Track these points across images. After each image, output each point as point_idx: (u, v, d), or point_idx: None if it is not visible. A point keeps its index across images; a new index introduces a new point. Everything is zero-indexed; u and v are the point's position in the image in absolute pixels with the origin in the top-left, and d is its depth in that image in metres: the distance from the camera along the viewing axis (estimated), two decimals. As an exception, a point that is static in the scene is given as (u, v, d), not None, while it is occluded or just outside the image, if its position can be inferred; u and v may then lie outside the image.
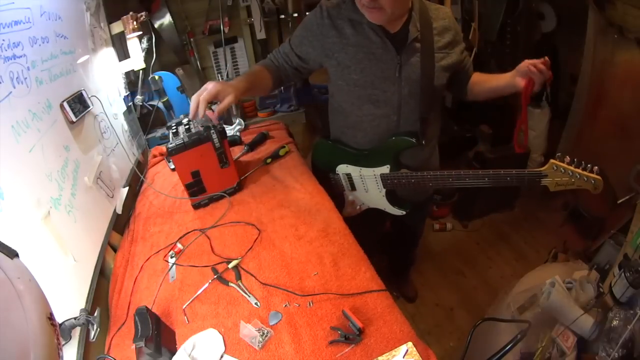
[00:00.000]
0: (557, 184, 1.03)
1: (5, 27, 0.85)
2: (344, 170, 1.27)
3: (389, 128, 1.19)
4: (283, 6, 2.24)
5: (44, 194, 0.88)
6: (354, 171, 1.26)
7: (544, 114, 2.34)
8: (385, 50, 1.09)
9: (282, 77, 1.28)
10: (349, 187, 1.30)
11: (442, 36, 1.12)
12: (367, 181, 1.26)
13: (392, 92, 1.13)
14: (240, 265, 1.03)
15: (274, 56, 1.28)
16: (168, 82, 1.96)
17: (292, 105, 2.28)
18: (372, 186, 1.26)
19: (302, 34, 1.19)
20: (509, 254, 2.19)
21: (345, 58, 1.12)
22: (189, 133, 1.22)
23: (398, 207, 1.30)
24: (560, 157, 1.01)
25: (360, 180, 1.26)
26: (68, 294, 0.87)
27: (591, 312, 1.13)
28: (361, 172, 1.25)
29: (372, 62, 1.10)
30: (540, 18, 2.18)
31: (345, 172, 1.26)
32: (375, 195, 1.28)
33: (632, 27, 1.64)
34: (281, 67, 1.26)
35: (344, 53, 1.11)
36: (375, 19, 1.04)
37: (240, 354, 0.79)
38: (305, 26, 1.18)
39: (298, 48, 1.21)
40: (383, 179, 1.23)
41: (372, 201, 1.31)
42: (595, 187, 1.00)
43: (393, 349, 0.76)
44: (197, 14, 2.15)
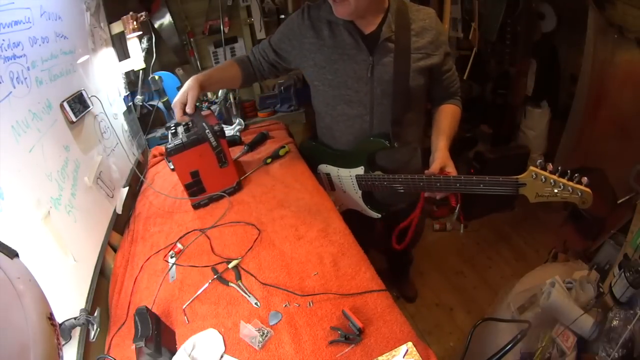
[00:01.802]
0: (538, 195, 0.88)
1: (5, 27, 0.85)
2: (323, 169, 1.29)
3: (363, 128, 1.19)
4: (283, 6, 2.25)
5: (44, 194, 0.88)
6: (332, 171, 1.28)
7: (544, 114, 2.34)
8: (358, 50, 1.10)
9: (255, 72, 1.34)
10: (328, 186, 1.32)
11: (421, 36, 1.11)
12: (343, 182, 1.27)
13: (365, 92, 1.14)
14: (240, 265, 1.03)
15: (252, 52, 1.34)
16: (168, 82, 1.96)
17: (292, 105, 2.28)
18: (348, 187, 1.26)
19: (283, 32, 1.23)
20: (509, 254, 2.19)
21: (320, 59, 1.14)
22: (188, 133, 1.22)
23: (374, 210, 1.29)
24: (542, 164, 0.87)
25: (338, 180, 1.28)
26: (68, 294, 0.87)
27: (591, 312, 1.13)
28: (339, 172, 1.27)
29: (345, 63, 1.12)
30: (540, 18, 2.18)
31: (325, 172, 1.29)
32: (352, 196, 1.28)
33: (632, 27, 1.64)
34: (257, 62, 1.32)
35: (320, 54, 1.14)
36: (341, 13, 1.05)
37: (240, 354, 0.79)
38: (287, 25, 1.22)
39: (277, 45, 1.25)
40: (358, 180, 1.23)
41: (350, 202, 1.32)
42: (583, 201, 0.85)
43: (393, 349, 0.76)
44: (197, 14, 2.15)
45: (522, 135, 2.46)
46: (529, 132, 2.41)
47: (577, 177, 0.84)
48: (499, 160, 2.30)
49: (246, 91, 2.43)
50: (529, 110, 2.38)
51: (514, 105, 2.45)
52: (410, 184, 1.12)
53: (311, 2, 1.17)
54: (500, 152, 2.34)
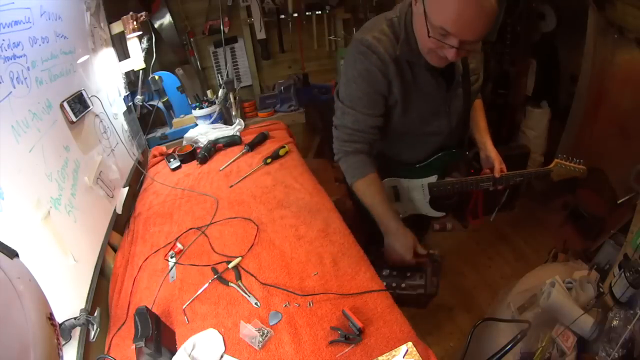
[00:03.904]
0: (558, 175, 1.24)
1: (5, 27, 0.85)
2: (390, 183, 1.28)
3: (437, 147, 1.24)
4: (283, 6, 2.25)
5: (44, 194, 0.88)
6: (400, 183, 1.28)
7: (544, 114, 2.34)
8: (438, 88, 1.08)
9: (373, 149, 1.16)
10: (393, 198, 1.31)
11: (473, 57, 1.14)
12: (412, 191, 1.29)
13: (444, 125, 1.17)
14: (240, 265, 1.03)
15: (357, 137, 1.09)
16: (168, 82, 1.96)
17: (292, 105, 2.28)
18: (418, 195, 1.30)
19: (370, 93, 1.04)
20: (509, 254, 2.18)
21: (402, 99, 1.07)
22: None
23: (439, 210, 1.34)
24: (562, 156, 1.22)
25: (407, 190, 1.30)
26: (68, 294, 0.87)
27: (591, 312, 1.13)
28: (408, 183, 1.28)
29: (426, 101, 1.10)
30: (540, 18, 2.18)
31: (391, 185, 1.28)
32: (419, 202, 1.32)
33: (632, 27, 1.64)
34: (373, 141, 1.12)
35: (403, 94, 1.06)
36: (441, 64, 0.98)
37: (240, 354, 0.79)
38: (368, 83, 1.03)
39: (376, 109, 1.07)
40: (430, 187, 1.27)
41: (416, 208, 1.34)
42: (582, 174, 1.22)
43: (393, 349, 0.76)
44: (197, 14, 2.15)
45: (522, 135, 2.46)
46: (529, 132, 2.41)
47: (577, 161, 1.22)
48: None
49: (246, 91, 2.43)
50: (529, 110, 2.38)
51: (514, 105, 2.44)
52: (479, 184, 1.26)
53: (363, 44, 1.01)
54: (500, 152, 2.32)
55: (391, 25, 1.02)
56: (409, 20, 0.99)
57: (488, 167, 1.26)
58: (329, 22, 2.44)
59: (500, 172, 1.22)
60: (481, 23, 0.85)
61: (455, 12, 0.84)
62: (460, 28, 0.86)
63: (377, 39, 1.00)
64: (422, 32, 0.92)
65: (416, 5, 0.93)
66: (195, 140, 1.85)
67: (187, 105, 2.03)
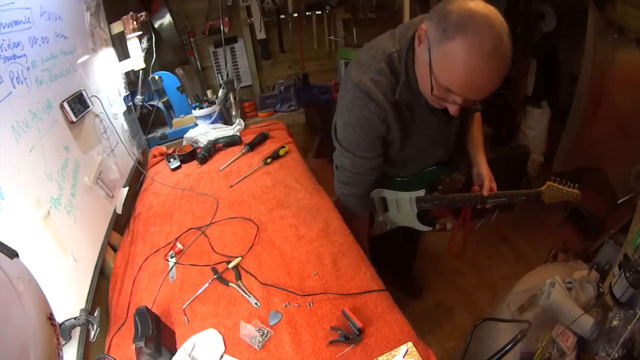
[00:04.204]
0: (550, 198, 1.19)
1: (5, 27, 0.85)
2: (378, 194, 1.28)
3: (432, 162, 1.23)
4: (283, 6, 2.25)
5: (44, 194, 0.88)
6: (389, 195, 1.28)
7: (544, 113, 2.34)
8: (437, 122, 1.06)
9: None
10: (382, 209, 1.33)
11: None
12: (401, 203, 1.30)
13: (441, 152, 1.17)
14: (240, 265, 1.03)
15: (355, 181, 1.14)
16: (168, 82, 1.96)
17: (292, 105, 2.28)
18: (405, 207, 1.30)
19: (368, 138, 1.05)
20: (509, 254, 2.18)
21: (401, 137, 1.06)
22: None
23: (426, 224, 1.35)
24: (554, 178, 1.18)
25: (395, 202, 1.30)
26: (68, 294, 0.87)
27: (591, 312, 1.13)
28: (397, 195, 1.28)
29: (425, 135, 1.09)
30: (540, 18, 2.18)
31: (380, 196, 1.29)
32: (408, 215, 1.32)
33: (632, 27, 1.64)
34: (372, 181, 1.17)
35: (401, 133, 1.05)
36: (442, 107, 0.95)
37: (240, 354, 0.79)
38: (367, 130, 1.02)
39: (375, 152, 1.08)
40: (417, 201, 1.27)
41: (403, 220, 1.35)
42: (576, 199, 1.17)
43: (393, 349, 0.76)
44: (197, 14, 2.15)
45: (522, 135, 2.46)
46: (529, 132, 2.41)
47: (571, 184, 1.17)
48: (499, 160, 2.29)
49: (246, 91, 2.43)
50: (529, 110, 2.38)
51: (514, 105, 2.44)
52: (466, 201, 1.23)
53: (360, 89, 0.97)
54: (500, 152, 2.33)
55: (390, 63, 0.94)
56: (410, 61, 0.92)
57: (478, 184, 1.23)
58: (329, 22, 2.44)
59: (490, 190, 1.19)
60: (492, 87, 0.80)
61: (465, 78, 0.79)
62: (469, 92, 0.82)
63: (375, 82, 0.95)
64: (425, 82, 0.87)
65: (420, 47, 0.87)
66: (195, 140, 1.85)
67: (187, 105, 2.03)
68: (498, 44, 0.75)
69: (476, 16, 0.76)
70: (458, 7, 0.77)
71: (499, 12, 0.78)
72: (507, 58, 0.77)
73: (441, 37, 0.79)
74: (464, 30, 0.75)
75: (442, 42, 0.79)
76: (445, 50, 0.79)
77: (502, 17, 0.78)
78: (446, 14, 0.78)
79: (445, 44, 0.78)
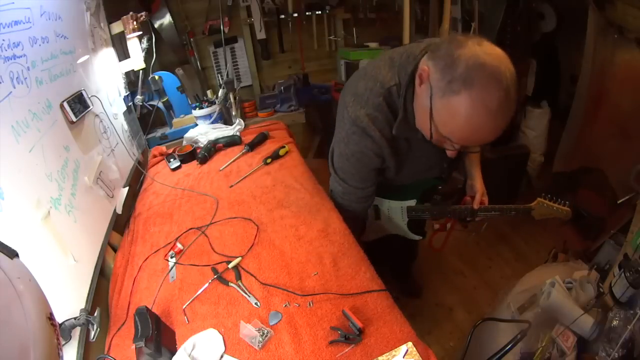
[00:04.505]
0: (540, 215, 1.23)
1: (5, 27, 0.85)
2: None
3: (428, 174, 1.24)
4: (283, 6, 2.25)
5: (44, 194, 0.88)
6: (382, 203, 1.30)
7: (544, 114, 2.34)
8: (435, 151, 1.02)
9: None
10: (374, 216, 1.34)
11: None
12: (392, 212, 1.31)
13: (437, 172, 1.19)
14: (240, 265, 1.03)
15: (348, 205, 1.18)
16: (168, 82, 1.96)
17: (292, 105, 2.28)
18: (396, 216, 1.31)
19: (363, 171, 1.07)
20: (509, 254, 2.18)
21: (396, 165, 1.07)
22: None
23: (416, 234, 1.36)
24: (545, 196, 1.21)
25: (387, 210, 1.32)
26: (68, 294, 0.87)
27: (591, 312, 1.13)
28: (389, 204, 1.30)
29: (422, 162, 1.10)
30: (540, 18, 2.18)
31: (373, 204, 1.30)
32: (399, 223, 1.33)
33: (632, 27, 1.63)
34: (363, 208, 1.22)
35: (397, 163, 1.06)
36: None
37: (240, 354, 0.79)
38: (362, 163, 1.04)
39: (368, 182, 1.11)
40: (408, 211, 1.28)
41: (394, 228, 1.36)
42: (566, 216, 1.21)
43: (393, 349, 0.76)
44: (197, 14, 2.15)
45: (522, 135, 2.45)
46: (529, 132, 2.40)
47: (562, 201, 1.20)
48: (499, 160, 2.29)
49: (246, 91, 2.43)
50: (529, 110, 2.38)
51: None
52: (456, 213, 1.26)
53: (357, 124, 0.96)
54: (500, 152, 2.33)
55: (388, 97, 0.92)
56: (409, 97, 0.90)
57: (470, 195, 1.24)
58: (329, 22, 2.44)
59: (481, 204, 1.20)
60: (494, 137, 0.79)
61: (467, 132, 0.78)
62: (469, 142, 0.81)
63: (372, 119, 0.93)
64: (424, 125, 0.85)
65: (420, 87, 0.84)
66: (195, 140, 1.85)
67: (187, 105, 2.04)
68: (504, 99, 0.73)
69: (485, 69, 0.72)
70: (467, 56, 0.73)
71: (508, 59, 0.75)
72: (512, 110, 0.75)
73: (446, 89, 0.76)
74: (470, 85, 0.72)
75: (446, 94, 0.76)
76: (449, 104, 0.76)
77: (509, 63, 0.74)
78: (453, 62, 0.74)
79: (449, 97, 0.76)
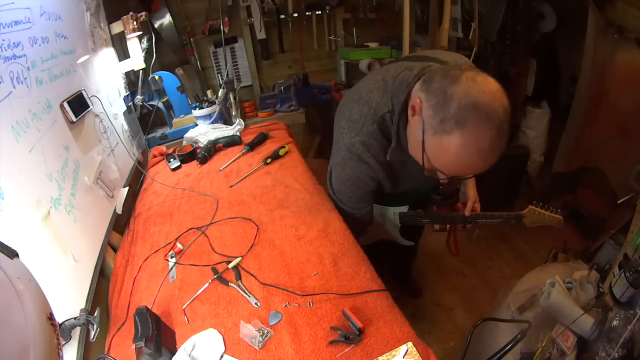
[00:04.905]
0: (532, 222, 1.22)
1: (5, 27, 0.85)
2: None
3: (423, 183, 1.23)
4: (283, 6, 2.25)
5: (44, 194, 0.88)
6: (375, 208, 1.30)
7: (544, 114, 2.34)
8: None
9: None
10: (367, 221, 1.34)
11: None
12: (386, 217, 1.32)
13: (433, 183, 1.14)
14: (240, 265, 1.03)
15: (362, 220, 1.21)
16: (168, 82, 1.96)
17: (292, 105, 2.28)
18: (389, 221, 1.32)
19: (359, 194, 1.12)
20: (509, 254, 2.18)
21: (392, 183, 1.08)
22: None
23: (408, 239, 1.38)
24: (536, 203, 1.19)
25: (380, 215, 1.33)
26: (68, 294, 0.87)
27: (591, 312, 1.13)
28: (382, 209, 1.31)
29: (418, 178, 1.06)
30: (541, 18, 2.17)
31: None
32: (391, 229, 1.35)
33: (632, 27, 1.63)
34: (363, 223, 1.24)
35: (393, 181, 1.08)
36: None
37: (240, 354, 0.79)
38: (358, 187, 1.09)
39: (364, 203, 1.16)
40: (401, 216, 1.29)
41: (386, 234, 1.37)
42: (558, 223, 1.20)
43: (393, 349, 0.76)
44: (197, 14, 2.15)
45: (522, 135, 2.45)
46: (529, 132, 2.40)
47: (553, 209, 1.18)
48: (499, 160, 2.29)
49: (246, 91, 2.43)
50: (529, 110, 2.38)
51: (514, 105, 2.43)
52: (447, 220, 1.28)
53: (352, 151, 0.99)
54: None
55: (382, 124, 0.94)
56: (402, 126, 0.91)
57: (463, 202, 1.26)
58: (329, 22, 2.44)
59: (473, 211, 1.22)
60: (484, 169, 0.79)
61: (458, 168, 0.79)
62: (461, 174, 0.83)
63: (367, 146, 0.96)
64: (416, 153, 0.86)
65: (413, 118, 0.84)
66: (195, 140, 1.85)
67: (187, 105, 2.03)
68: (496, 138, 0.73)
69: (478, 109, 0.71)
70: (460, 95, 0.72)
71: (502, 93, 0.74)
72: (504, 144, 0.76)
73: (437, 127, 0.76)
74: (462, 125, 0.72)
75: (437, 133, 0.77)
76: (441, 142, 0.77)
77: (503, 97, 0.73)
78: (446, 101, 0.74)
79: (441, 135, 0.76)
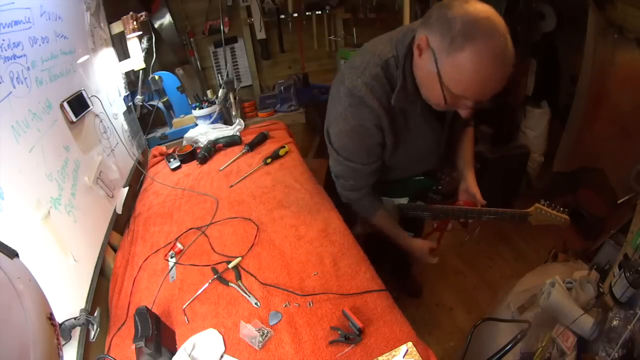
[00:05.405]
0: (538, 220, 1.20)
1: (5, 27, 0.85)
2: None
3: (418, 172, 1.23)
4: (283, 6, 2.25)
5: (44, 194, 0.88)
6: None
7: (544, 113, 2.34)
8: (432, 132, 1.07)
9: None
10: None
11: None
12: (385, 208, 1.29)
13: (434, 160, 1.18)
14: (241, 265, 1.03)
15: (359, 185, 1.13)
16: (168, 82, 1.96)
17: (292, 105, 2.28)
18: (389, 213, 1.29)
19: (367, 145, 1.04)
20: (509, 254, 2.18)
21: (393, 144, 1.06)
22: None
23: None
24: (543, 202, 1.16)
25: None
26: (68, 294, 0.87)
27: (591, 312, 1.13)
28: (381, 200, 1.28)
29: (419, 146, 1.08)
30: (541, 18, 2.18)
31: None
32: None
33: (632, 27, 1.64)
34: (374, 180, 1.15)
35: (394, 138, 1.04)
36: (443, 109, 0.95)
37: (240, 354, 0.79)
38: (364, 137, 1.02)
39: (374, 156, 1.08)
40: (400, 208, 1.28)
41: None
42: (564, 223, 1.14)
43: (393, 349, 0.76)
44: (197, 14, 2.15)
45: (522, 135, 2.46)
46: (529, 132, 2.41)
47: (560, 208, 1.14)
48: (499, 160, 2.30)
49: (246, 91, 2.43)
50: (529, 110, 2.38)
51: (514, 105, 2.44)
52: (448, 214, 1.25)
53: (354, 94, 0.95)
54: (500, 152, 2.33)
55: (386, 68, 0.93)
56: (408, 67, 0.91)
57: (463, 199, 1.25)
58: (329, 22, 2.44)
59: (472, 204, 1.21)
60: (502, 86, 0.81)
61: (480, 84, 0.80)
62: (483, 96, 0.83)
63: (369, 87, 0.93)
64: (433, 93, 0.87)
65: (421, 57, 0.85)
66: (195, 140, 1.85)
67: (187, 105, 2.04)
68: (504, 45, 0.76)
69: (480, 22, 0.76)
70: (460, 14, 0.77)
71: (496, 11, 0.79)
72: (513, 56, 0.79)
73: (449, 48, 0.78)
74: (472, 38, 0.75)
75: (451, 53, 0.79)
76: (456, 61, 0.78)
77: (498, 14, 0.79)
78: (449, 23, 0.77)
79: (455, 54, 0.78)
